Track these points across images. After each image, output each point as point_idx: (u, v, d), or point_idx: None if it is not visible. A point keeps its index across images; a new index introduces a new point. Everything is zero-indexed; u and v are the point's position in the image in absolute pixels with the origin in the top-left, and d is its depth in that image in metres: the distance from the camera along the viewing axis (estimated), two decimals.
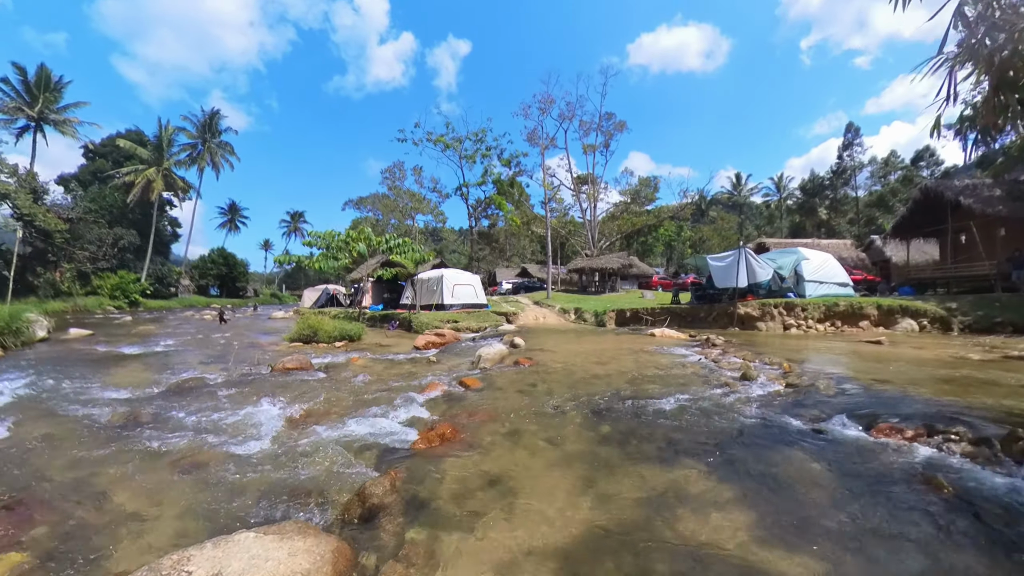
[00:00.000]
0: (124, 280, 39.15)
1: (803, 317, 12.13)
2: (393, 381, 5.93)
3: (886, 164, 49.20)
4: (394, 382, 5.86)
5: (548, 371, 6.01)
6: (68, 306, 33.56)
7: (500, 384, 5.35)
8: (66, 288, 34.47)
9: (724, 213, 66.65)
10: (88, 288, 37.91)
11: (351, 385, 5.79)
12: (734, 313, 12.42)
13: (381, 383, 5.87)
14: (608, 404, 4.30)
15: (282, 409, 4.59)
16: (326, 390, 5.50)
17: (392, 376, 6.32)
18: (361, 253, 15.32)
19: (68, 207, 36.72)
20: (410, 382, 5.83)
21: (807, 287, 13.08)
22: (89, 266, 37.97)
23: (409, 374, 6.41)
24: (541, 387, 5.11)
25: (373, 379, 6.15)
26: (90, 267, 37.99)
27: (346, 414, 4.35)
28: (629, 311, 14.64)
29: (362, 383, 5.92)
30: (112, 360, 9.00)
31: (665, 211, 40.37)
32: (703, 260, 13.79)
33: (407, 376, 6.26)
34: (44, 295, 34.42)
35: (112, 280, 38.64)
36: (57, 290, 34.28)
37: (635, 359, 6.92)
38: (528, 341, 9.67)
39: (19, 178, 32.04)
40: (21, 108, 36.17)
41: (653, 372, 5.91)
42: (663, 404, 4.26)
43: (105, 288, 38.32)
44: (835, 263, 14.43)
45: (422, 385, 5.39)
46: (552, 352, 7.79)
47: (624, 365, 6.40)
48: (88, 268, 37.92)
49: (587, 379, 5.49)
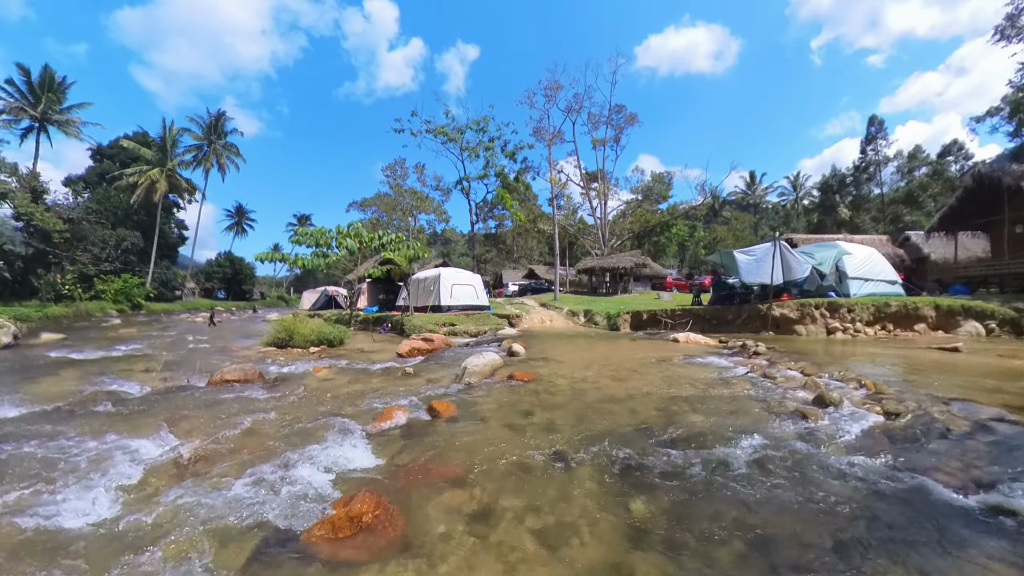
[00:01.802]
0: (128, 284, 38.67)
1: (849, 319, 10.49)
2: (348, 401, 4.56)
3: (911, 159, 46.71)
4: (348, 403, 4.49)
5: (550, 391, 4.57)
6: (69, 310, 32.97)
7: (483, 410, 3.94)
8: (67, 291, 33.92)
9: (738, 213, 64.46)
10: (91, 292, 37.40)
11: (291, 406, 4.44)
12: (768, 315, 10.83)
13: (331, 404, 4.51)
14: (638, 451, 2.86)
15: (170, 448, 3.23)
16: (256, 413, 4.16)
17: (351, 393, 4.95)
18: (350, 249, 14.06)
19: (69, 207, 36.29)
20: (370, 403, 4.46)
21: (851, 285, 11.44)
22: (92, 268, 37.51)
23: (373, 391, 5.03)
24: (539, 417, 3.67)
25: (324, 398, 4.79)
26: (93, 269, 37.52)
27: (254, 457, 2.98)
28: (646, 313, 13.09)
29: (308, 403, 4.56)
30: (51, 367, 7.88)
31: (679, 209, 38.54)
32: (728, 255, 12.23)
33: (369, 394, 4.88)
34: (45, 298, 33.97)
35: (115, 284, 38.16)
36: (58, 293, 33.76)
37: (662, 373, 5.45)
38: (530, 348, 8.24)
39: (20, 178, 31.66)
40: (24, 108, 35.95)
41: (690, 392, 4.44)
42: (722, 452, 2.80)
43: (108, 292, 37.81)
44: (881, 258, 12.75)
45: (379, 411, 3.99)
46: (557, 363, 6.35)
47: (650, 381, 4.93)
48: (91, 271, 37.45)
49: (602, 404, 4.04)
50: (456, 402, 4.17)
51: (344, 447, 3.14)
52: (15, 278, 35.26)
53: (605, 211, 33.36)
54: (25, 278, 35.10)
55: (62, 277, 34.85)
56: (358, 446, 3.18)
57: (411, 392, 4.88)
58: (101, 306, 36.36)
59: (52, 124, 38.12)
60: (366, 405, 4.37)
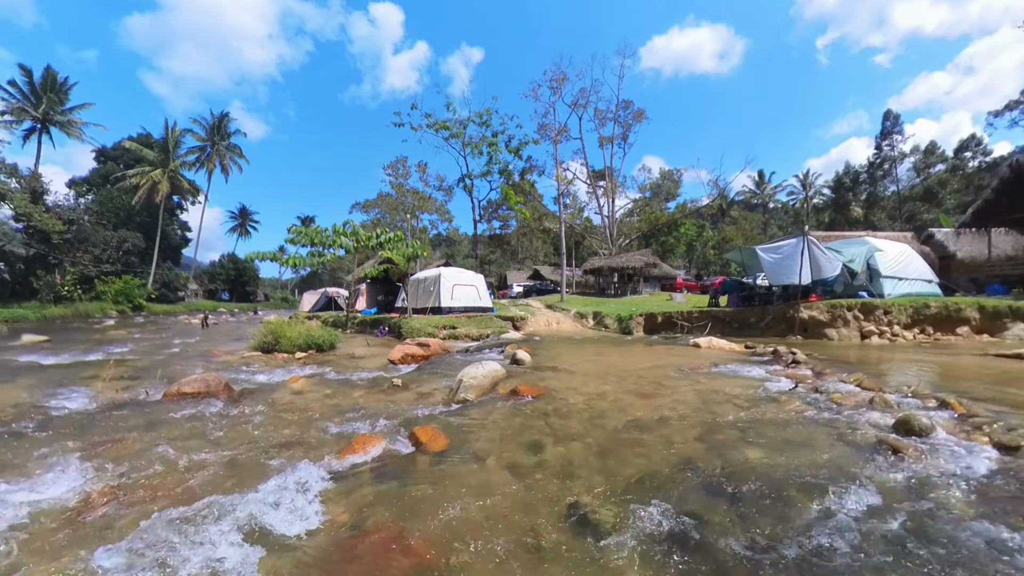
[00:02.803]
0: (128, 285, 38.27)
1: (886, 322, 9.57)
2: (318, 422, 3.78)
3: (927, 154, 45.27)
4: (317, 425, 3.71)
5: (562, 412, 3.76)
6: (69, 311, 32.65)
7: (480, 441, 3.13)
8: (66, 292, 33.56)
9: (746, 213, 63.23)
10: (92, 293, 37.04)
11: (246, 428, 3.67)
12: (795, 317, 9.93)
13: (296, 426, 3.73)
14: (691, 512, 2.04)
15: (68, 489, 2.46)
16: (201, 437, 3.41)
17: (324, 411, 4.18)
18: (346, 248, 13.36)
19: (70, 208, 36.00)
20: (344, 426, 3.68)
21: (884, 285, 10.51)
22: (93, 269, 37.20)
23: (351, 409, 4.26)
24: (551, 453, 2.86)
25: (290, 417, 4.02)
26: (94, 270, 37.21)
27: (166, 503, 2.20)
28: (660, 316, 12.22)
29: (268, 424, 3.79)
30: (9, 373, 7.26)
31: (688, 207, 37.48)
32: (751, 253, 11.36)
33: (346, 413, 4.10)
34: (44, 299, 33.63)
35: (116, 285, 37.78)
36: (57, 294, 33.42)
37: (693, 387, 4.62)
38: (536, 355, 7.43)
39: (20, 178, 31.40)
40: (25, 109, 35.75)
41: (734, 413, 3.61)
42: (812, 514, 1.98)
43: (109, 293, 37.44)
44: (915, 255, 11.81)
45: (351, 438, 3.21)
46: (568, 373, 5.53)
47: (681, 398, 4.11)
48: (92, 272, 37.12)
49: (629, 432, 3.22)
50: (447, 428, 3.37)
51: (287, 494, 2.35)
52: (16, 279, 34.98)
53: (613, 209, 32.52)
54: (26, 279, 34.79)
55: (62, 278, 34.53)
56: (308, 492, 2.39)
57: (395, 411, 4.10)
58: (101, 307, 35.98)
59: (54, 125, 37.92)
60: (337, 429, 3.59)
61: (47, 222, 30.78)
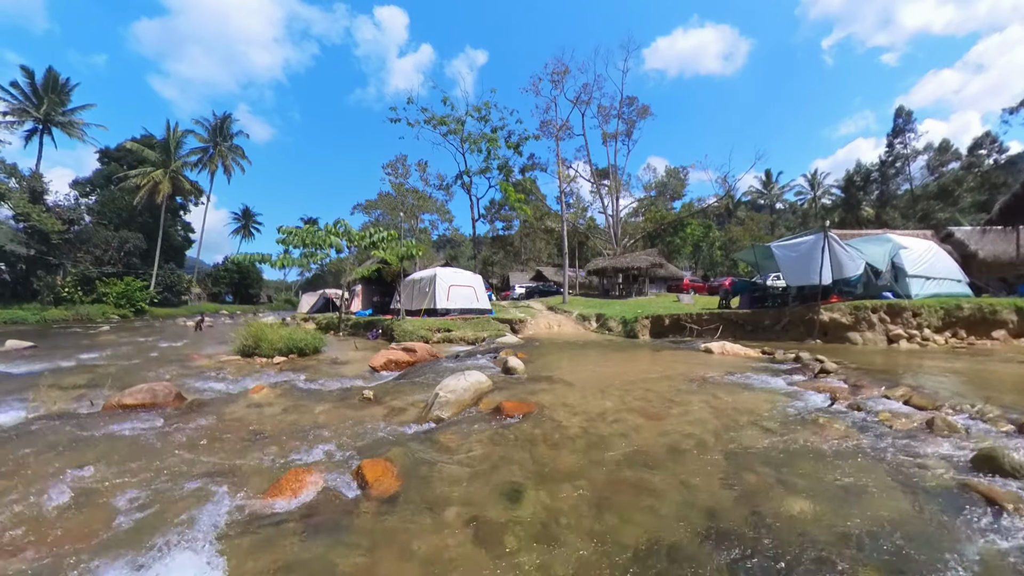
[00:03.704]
0: (130, 287, 38.00)
1: (915, 325, 8.81)
2: (260, 445, 3.15)
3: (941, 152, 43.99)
4: (258, 449, 3.08)
5: (553, 438, 3.09)
6: (69, 314, 32.41)
7: (443, 481, 2.48)
8: (66, 294, 33.34)
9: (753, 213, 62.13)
10: (93, 295, 36.84)
11: (176, 451, 3.06)
12: (814, 320, 9.19)
13: (230, 451, 3.11)
14: None
15: None
16: (120, 463, 2.81)
17: (273, 431, 3.55)
18: (337, 248, 12.79)
19: (70, 208, 35.84)
20: (287, 452, 3.05)
21: (911, 284, 9.73)
22: (94, 271, 37.02)
23: (306, 429, 3.63)
24: (531, 502, 2.20)
25: (232, 437, 3.39)
26: (95, 272, 37.02)
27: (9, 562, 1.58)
28: (668, 318, 11.50)
29: (200, 447, 3.17)
30: None
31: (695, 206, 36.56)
32: (765, 251, 10.63)
33: (299, 433, 3.47)
34: (45, 301, 33.46)
35: (118, 287, 37.55)
36: (57, 296, 33.21)
37: (709, 402, 3.93)
38: (532, 362, 6.78)
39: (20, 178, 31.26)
40: (27, 110, 35.70)
41: (763, 440, 2.93)
42: None
43: (110, 295, 37.21)
44: (942, 253, 11.01)
45: (288, 468, 2.56)
46: (565, 385, 4.87)
47: (696, 418, 3.44)
48: (93, 273, 36.94)
49: (633, 470, 2.55)
50: (407, 460, 2.72)
51: (167, 562, 1.72)
52: (16, 280, 34.86)
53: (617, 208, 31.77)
54: (27, 280, 34.66)
55: (62, 279, 34.34)
56: (204, 551, 1.76)
57: (356, 433, 3.46)
58: (102, 310, 35.73)
59: (55, 126, 37.87)
60: (279, 456, 2.95)
61: (46, 222, 30.59)
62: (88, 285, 36.32)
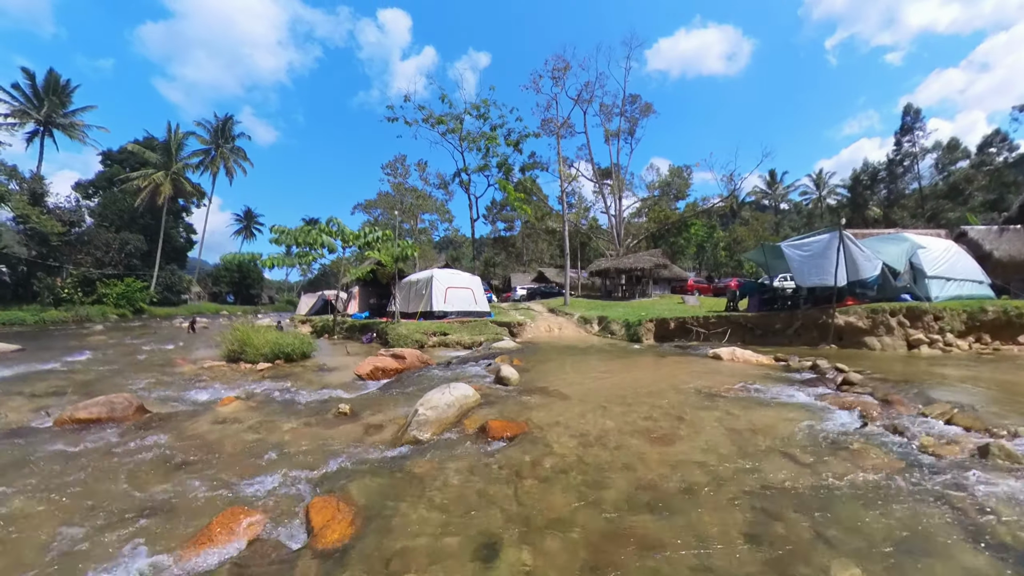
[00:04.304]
0: (130, 288, 37.91)
1: (936, 329, 8.30)
2: (208, 474, 2.73)
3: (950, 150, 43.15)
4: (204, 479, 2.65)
5: (543, 470, 2.65)
6: (69, 314, 32.29)
7: (403, 531, 2.04)
8: (66, 295, 33.21)
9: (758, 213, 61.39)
10: (94, 296, 36.75)
11: (114, 478, 2.66)
12: (829, 324, 8.69)
13: (178, 478, 2.68)
14: None
15: None
16: (48, 489, 2.42)
17: (234, 451, 3.13)
18: (330, 248, 12.40)
19: (71, 210, 35.73)
20: (238, 480, 2.62)
21: (930, 286, 9.21)
22: (95, 272, 36.93)
23: (271, 448, 3.21)
24: (510, 565, 1.76)
25: (184, 460, 2.98)
26: (95, 273, 36.92)
27: None
28: (673, 321, 11.01)
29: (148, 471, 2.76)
30: None
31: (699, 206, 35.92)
32: (775, 250, 10.14)
33: (258, 455, 3.06)
34: (45, 302, 33.38)
35: (118, 288, 37.45)
36: (57, 297, 33.09)
37: (723, 422, 3.48)
38: (528, 370, 6.34)
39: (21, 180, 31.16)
40: (27, 112, 35.64)
41: (793, 478, 2.48)
42: None
43: (110, 296, 37.11)
44: (962, 252, 10.50)
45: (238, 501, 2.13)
46: (561, 400, 4.42)
47: (709, 443, 2.99)
48: (94, 274, 36.85)
49: (639, 514, 2.11)
50: (368, 497, 2.29)
51: None
52: (17, 282, 34.80)
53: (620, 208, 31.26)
54: (28, 282, 34.59)
55: (62, 281, 34.23)
56: None
57: (320, 457, 3.03)
58: (102, 310, 35.61)
59: (56, 128, 37.81)
60: (222, 488, 2.53)
61: (45, 224, 30.46)
62: (89, 286, 36.23)
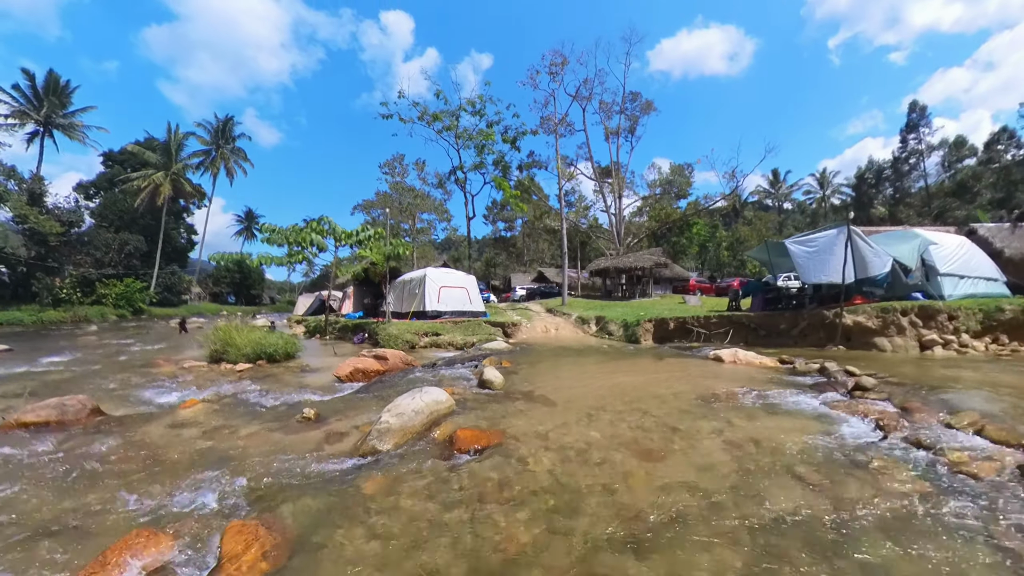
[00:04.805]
0: (129, 288, 37.77)
1: (951, 329, 7.86)
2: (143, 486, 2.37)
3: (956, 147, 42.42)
4: (136, 492, 2.30)
5: (513, 492, 2.28)
6: (67, 315, 32.21)
7: (334, 569, 1.67)
8: (65, 295, 33.10)
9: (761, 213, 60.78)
10: (93, 296, 36.64)
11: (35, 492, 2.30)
12: (836, 324, 8.27)
13: (101, 496, 2.32)
14: None
15: None
16: None
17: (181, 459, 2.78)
18: (319, 245, 12.07)
19: (70, 211, 35.63)
20: (165, 497, 2.26)
21: (943, 284, 8.78)
22: (93, 272, 36.82)
23: (220, 458, 2.86)
24: None
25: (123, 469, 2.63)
26: (95, 273, 36.82)
27: None
28: (672, 321, 10.60)
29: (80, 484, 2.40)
30: None
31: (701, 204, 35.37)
32: (778, 247, 9.73)
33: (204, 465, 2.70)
34: (43, 302, 33.32)
35: (117, 288, 37.32)
36: (55, 297, 32.99)
37: (723, 434, 3.10)
38: (516, 372, 5.97)
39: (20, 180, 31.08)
40: (27, 113, 35.59)
41: (804, 503, 2.10)
42: None
43: (109, 296, 36.99)
44: (976, 249, 10.08)
45: (161, 518, 1.77)
46: (546, 406, 4.05)
47: (708, 460, 2.60)
48: (93, 275, 36.74)
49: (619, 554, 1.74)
50: (300, 520, 1.93)
51: None
52: (17, 282, 34.77)
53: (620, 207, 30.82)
54: (27, 282, 34.55)
55: (61, 281, 34.14)
56: None
57: (265, 469, 2.67)
58: (101, 311, 35.49)
59: (56, 128, 37.75)
60: (147, 502, 2.17)
61: (43, 224, 30.37)
62: (88, 287, 36.12)
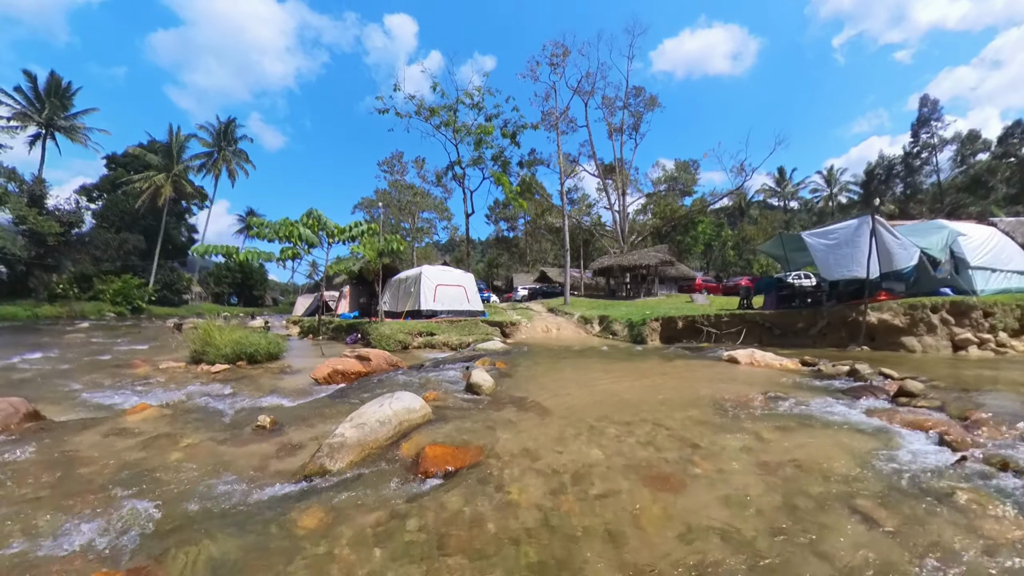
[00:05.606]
0: (127, 285, 37.29)
1: (987, 327, 7.22)
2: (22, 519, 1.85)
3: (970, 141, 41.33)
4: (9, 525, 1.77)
5: (486, 537, 1.73)
6: (63, 310, 32.09)
7: None
8: (61, 291, 32.91)
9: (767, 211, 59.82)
10: (91, 292, 36.35)
11: None
12: (860, 322, 7.65)
13: None
14: None
15: None
16: None
17: (92, 480, 2.24)
18: (308, 240, 11.58)
19: (71, 212, 35.52)
20: (50, 531, 1.72)
21: (975, 278, 8.13)
22: (92, 268, 36.62)
23: (144, 475, 2.31)
24: None
25: (10, 502, 2.09)
26: (91, 269, 36.60)
27: None
28: (681, 321, 10.00)
29: None
30: None
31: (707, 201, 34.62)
32: (795, 240, 9.12)
33: (119, 485, 2.16)
34: (39, 298, 33.25)
35: (115, 284, 36.94)
36: (52, 293, 32.83)
37: (754, 455, 2.53)
38: (511, 375, 5.43)
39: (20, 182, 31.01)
40: (29, 115, 35.51)
41: (876, 555, 1.52)
42: None
43: (107, 292, 36.61)
44: (1005, 240, 9.40)
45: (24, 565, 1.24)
46: (539, 415, 3.50)
47: (739, 492, 2.04)
48: (90, 270, 36.52)
49: None
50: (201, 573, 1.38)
51: None
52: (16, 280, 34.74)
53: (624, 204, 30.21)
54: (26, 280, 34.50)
55: (59, 277, 34.02)
56: None
57: (191, 491, 2.13)
58: (98, 307, 35.09)
59: (58, 130, 37.68)
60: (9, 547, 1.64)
61: (42, 224, 30.26)
62: (86, 282, 35.88)
